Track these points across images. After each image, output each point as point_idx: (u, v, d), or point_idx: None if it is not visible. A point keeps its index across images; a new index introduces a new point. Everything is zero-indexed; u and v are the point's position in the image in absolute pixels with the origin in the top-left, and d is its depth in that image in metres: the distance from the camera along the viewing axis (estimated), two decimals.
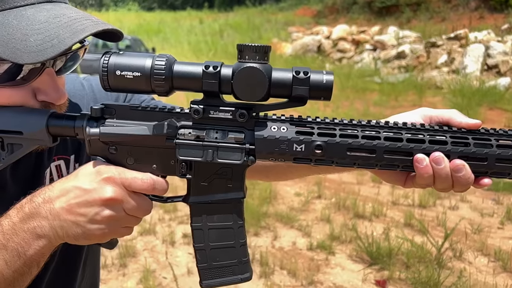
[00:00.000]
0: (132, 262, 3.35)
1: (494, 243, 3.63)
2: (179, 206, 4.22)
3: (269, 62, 0.71)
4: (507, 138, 0.73)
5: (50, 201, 0.72)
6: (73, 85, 0.99)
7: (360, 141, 0.72)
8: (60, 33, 0.69)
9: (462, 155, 0.72)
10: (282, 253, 3.51)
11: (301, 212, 4.26)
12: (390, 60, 13.82)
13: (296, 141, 0.73)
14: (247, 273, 0.82)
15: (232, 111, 0.74)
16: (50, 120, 0.77)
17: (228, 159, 0.75)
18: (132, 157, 0.78)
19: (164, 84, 0.71)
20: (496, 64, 11.24)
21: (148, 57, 0.71)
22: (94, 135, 0.76)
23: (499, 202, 4.51)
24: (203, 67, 0.71)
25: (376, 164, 0.74)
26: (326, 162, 0.74)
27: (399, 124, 0.75)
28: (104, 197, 0.71)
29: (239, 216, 0.80)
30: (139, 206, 0.74)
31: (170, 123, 0.75)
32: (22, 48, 0.67)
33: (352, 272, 3.26)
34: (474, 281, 3.07)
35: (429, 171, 0.72)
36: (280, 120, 0.76)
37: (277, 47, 16.75)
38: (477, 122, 0.75)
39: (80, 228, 0.71)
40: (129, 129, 0.76)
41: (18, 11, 0.70)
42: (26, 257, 0.72)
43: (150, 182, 0.74)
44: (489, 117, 7.91)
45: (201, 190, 0.79)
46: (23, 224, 0.72)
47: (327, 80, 0.69)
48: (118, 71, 0.71)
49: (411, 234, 3.72)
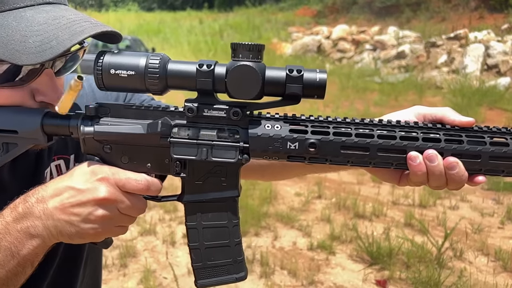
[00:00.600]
0: (132, 262, 3.35)
1: (495, 242, 3.62)
2: (179, 206, 4.22)
3: (262, 60, 0.71)
4: (501, 136, 0.73)
5: (44, 201, 0.72)
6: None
7: (353, 139, 0.72)
8: (59, 35, 0.69)
9: (456, 153, 0.72)
10: (283, 253, 3.51)
11: (301, 212, 4.26)
12: (390, 60, 13.82)
13: (290, 139, 0.73)
14: (242, 272, 0.82)
15: (226, 110, 0.74)
16: (45, 119, 0.77)
17: (222, 157, 0.74)
18: (126, 156, 0.78)
19: (158, 82, 0.71)
20: (496, 64, 11.24)
21: (142, 56, 0.71)
22: (88, 134, 0.76)
23: (499, 201, 4.50)
24: (197, 66, 0.71)
25: (370, 162, 0.74)
26: (320, 160, 0.74)
27: (393, 122, 0.75)
28: (97, 197, 0.71)
29: (234, 214, 0.80)
30: (133, 206, 0.74)
31: (164, 121, 0.75)
32: (21, 49, 0.67)
33: (352, 272, 3.26)
34: (475, 280, 3.07)
35: (423, 169, 0.72)
36: (274, 118, 0.76)
37: (277, 47, 16.76)
38: (470, 120, 0.75)
39: (73, 227, 0.71)
40: (123, 128, 0.76)
41: (18, 13, 0.70)
42: (19, 256, 0.72)
43: (145, 183, 0.74)
44: (489, 117, 7.90)
45: (195, 188, 0.79)
46: (16, 223, 0.72)
47: (320, 79, 0.70)
48: (112, 69, 0.71)
49: (411, 234, 3.71)
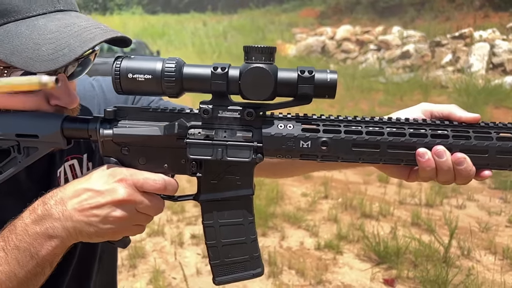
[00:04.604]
0: (141, 263, 3.38)
1: (502, 241, 3.62)
2: (186, 207, 4.25)
3: (274, 62, 0.73)
4: (507, 131, 0.75)
5: (63, 203, 0.74)
6: (83, 86, 1.01)
7: (364, 137, 0.74)
8: (71, 42, 0.71)
9: (464, 148, 0.74)
10: (290, 253, 3.52)
11: (308, 212, 4.27)
12: (394, 60, 13.80)
13: (302, 138, 0.75)
14: (259, 268, 0.84)
15: (240, 111, 0.76)
16: (64, 123, 0.79)
17: (237, 157, 0.77)
18: (144, 157, 0.81)
19: (174, 86, 0.74)
20: (501, 62, 11.19)
21: (159, 60, 0.74)
22: (107, 136, 0.79)
23: (506, 200, 4.49)
24: (211, 69, 0.73)
25: (381, 159, 0.76)
26: (332, 158, 0.76)
27: (402, 120, 0.77)
28: (116, 198, 0.73)
29: (249, 212, 0.82)
30: (152, 205, 0.77)
31: (181, 123, 0.77)
32: (34, 57, 0.70)
33: (360, 271, 3.27)
34: (482, 279, 3.07)
35: (432, 165, 0.74)
36: (286, 118, 0.78)
37: (281, 48, 16.74)
38: (476, 116, 0.76)
39: (93, 227, 0.73)
40: (141, 130, 0.79)
41: (30, 21, 0.72)
42: (39, 257, 0.73)
43: (162, 182, 0.76)
44: (495, 115, 7.86)
45: (211, 188, 0.81)
46: (35, 225, 0.73)
47: (331, 79, 0.72)
48: (130, 74, 0.73)
49: (418, 233, 3.71)
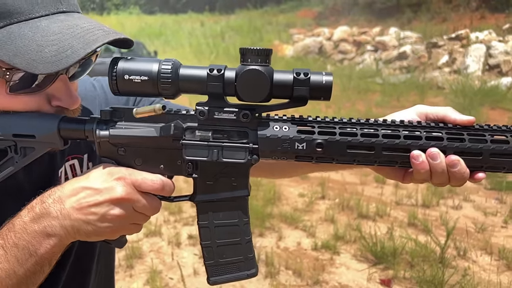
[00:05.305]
0: (138, 263, 3.38)
1: (498, 242, 3.63)
2: (184, 208, 4.25)
3: (270, 64, 0.73)
4: (501, 134, 0.76)
5: (61, 201, 0.74)
6: (85, 86, 1.01)
7: (359, 139, 0.75)
8: (74, 44, 0.72)
9: (458, 151, 0.75)
10: (287, 253, 3.53)
11: (305, 213, 4.28)
12: (391, 61, 13.83)
13: (297, 140, 0.76)
14: (253, 269, 0.85)
15: (236, 112, 0.77)
16: (61, 123, 0.80)
17: (232, 158, 0.77)
18: (140, 158, 0.81)
19: (170, 87, 0.74)
20: (497, 64, 11.23)
21: (155, 62, 0.74)
22: (104, 137, 0.79)
23: (502, 201, 4.51)
24: (207, 70, 0.73)
25: (375, 161, 0.76)
26: (327, 159, 0.77)
27: (397, 122, 0.78)
28: (114, 197, 0.73)
29: (244, 213, 0.83)
30: (149, 205, 0.77)
31: (177, 124, 0.78)
32: (37, 59, 0.70)
33: (357, 271, 3.28)
34: (478, 279, 3.08)
35: (426, 167, 0.74)
36: (282, 120, 0.78)
37: (279, 49, 16.77)
38: (471, 119, 0.77)
39: (90, 226, 0.74)
40: (137, 131, 0.79)
41: (33, 23, 0.72)
42: (37, 255, 0.74)
43: (160, 183, 0.77)
44: (491, 117, 7.90)
45: (207, 188, 0.81)
46: (33, 223, 0.74)
47: (326, 81, 0.72)
48: (126, 75, 0.74)
49: (415, 234, 3.73)
